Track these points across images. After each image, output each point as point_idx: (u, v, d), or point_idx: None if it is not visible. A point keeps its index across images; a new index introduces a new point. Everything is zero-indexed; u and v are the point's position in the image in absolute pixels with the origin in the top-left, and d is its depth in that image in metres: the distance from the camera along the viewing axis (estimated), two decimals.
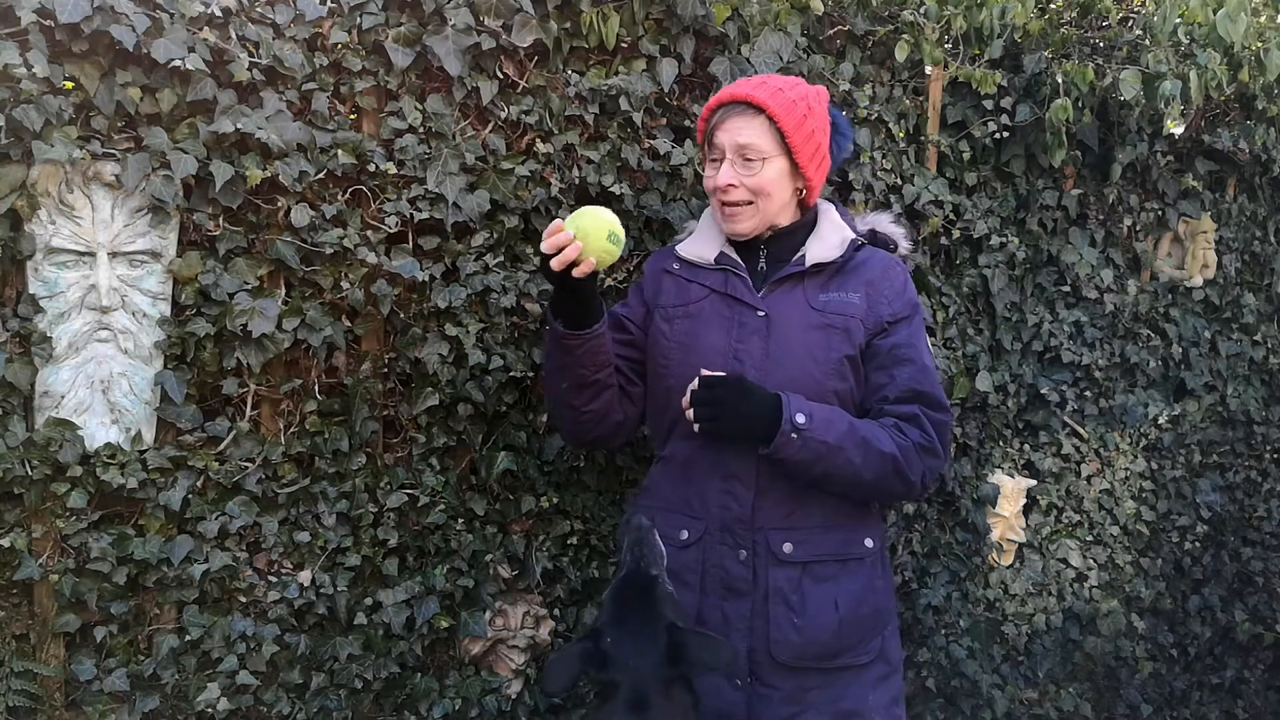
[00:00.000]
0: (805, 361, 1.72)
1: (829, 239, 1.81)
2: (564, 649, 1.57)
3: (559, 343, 1.73)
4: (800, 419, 1.62)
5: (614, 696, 1.50)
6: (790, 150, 1.73)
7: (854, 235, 1.83)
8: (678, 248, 1.90)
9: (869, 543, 1.79)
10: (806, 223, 1.83)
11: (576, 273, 1.62)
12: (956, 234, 2.60)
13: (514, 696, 2.19)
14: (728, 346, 1.76)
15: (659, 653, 1.51)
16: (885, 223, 1.91)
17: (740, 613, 1.73)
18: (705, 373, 1.66)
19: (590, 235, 1.61)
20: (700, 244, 1.87)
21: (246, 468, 1.91)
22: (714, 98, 1.80)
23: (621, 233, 1.65)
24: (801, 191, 1.81)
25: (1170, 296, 3.03)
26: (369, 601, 2.03)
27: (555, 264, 1.60)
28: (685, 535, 1.78)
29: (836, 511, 1.76)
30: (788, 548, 1.73)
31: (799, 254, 1.80)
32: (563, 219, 1.65)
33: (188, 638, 1.88)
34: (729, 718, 1.72)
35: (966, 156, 2.61)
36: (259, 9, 1.85)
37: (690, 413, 1.66)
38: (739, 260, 1.82)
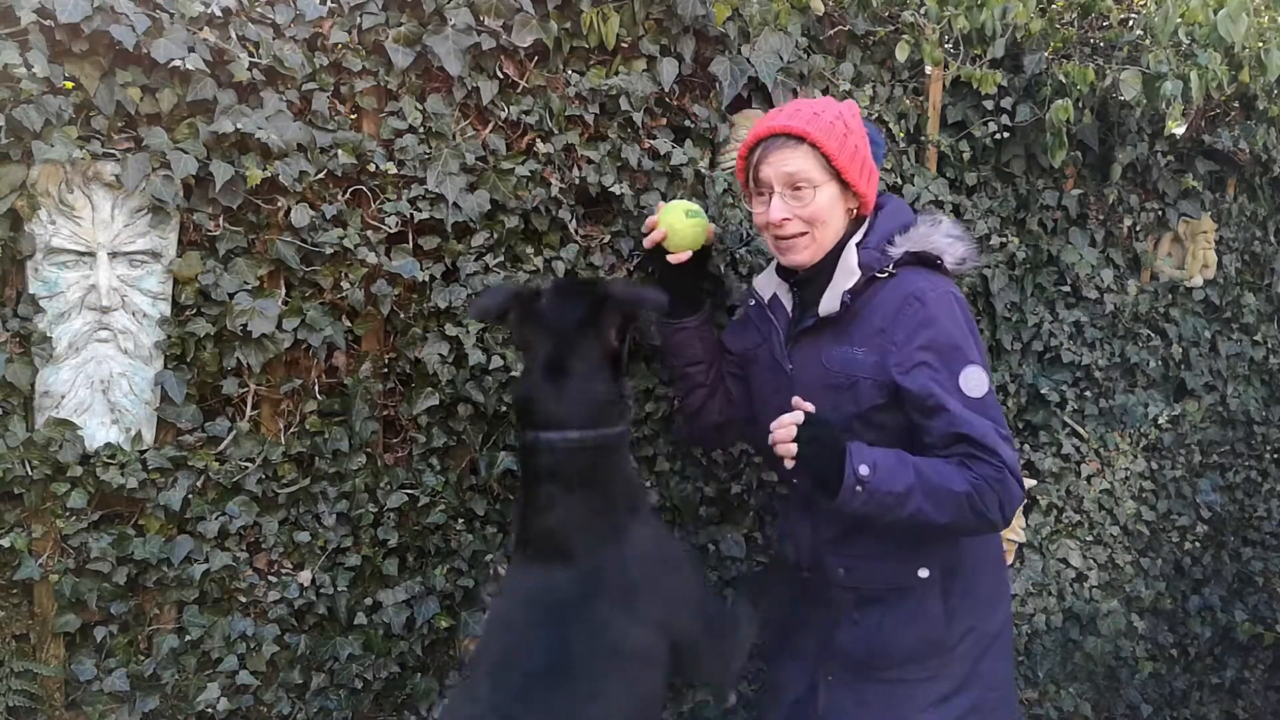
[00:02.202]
0: None
1: (838, 286, 1.74)
2: (501, 286, 1.64)
3: (658, 327, 1.93)
4: (864, 470, 1.58)
5: (531, 357, 1.52)
6: (839, 172, 1.72)
7: (850, 285, 1.71)
8: (755, 279, 1.99)
9: (923, 573, 1.78)
10: (829, 267, 1.76)
11: (671, 259, 1.84)
12: None
13: None
14: (767, 400, 1.86)
15: (583, 311, 1.51)
16: (934, 236, 1.76)
17: (810, 619, 1.90)
18: (802, 405, 1.64)
19: (678, 225, 1.87)
20: (766, 279, 1.94)
21: (246, 468, 1.91)
22: (750, 134, 1.78)
23: (696, 207, 1.88)
24: (854, 211, 1.80)
25: (1170, 296, 3.03)
26: (369, 601, 2.03)
27: (647, 243, 1.86)
28: (790, 553, 1.93)
29: (890, 543, 1.76)
30: (841, 573, 1.82)
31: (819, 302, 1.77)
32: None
33: (188, 638, 1.88)
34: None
35: (966, 156, 2.61)
36: (259, 9, 1.85)
37: (788, 448, 1.63)
38: (785, 305, 1.88)
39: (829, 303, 1.73)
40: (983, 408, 1.65)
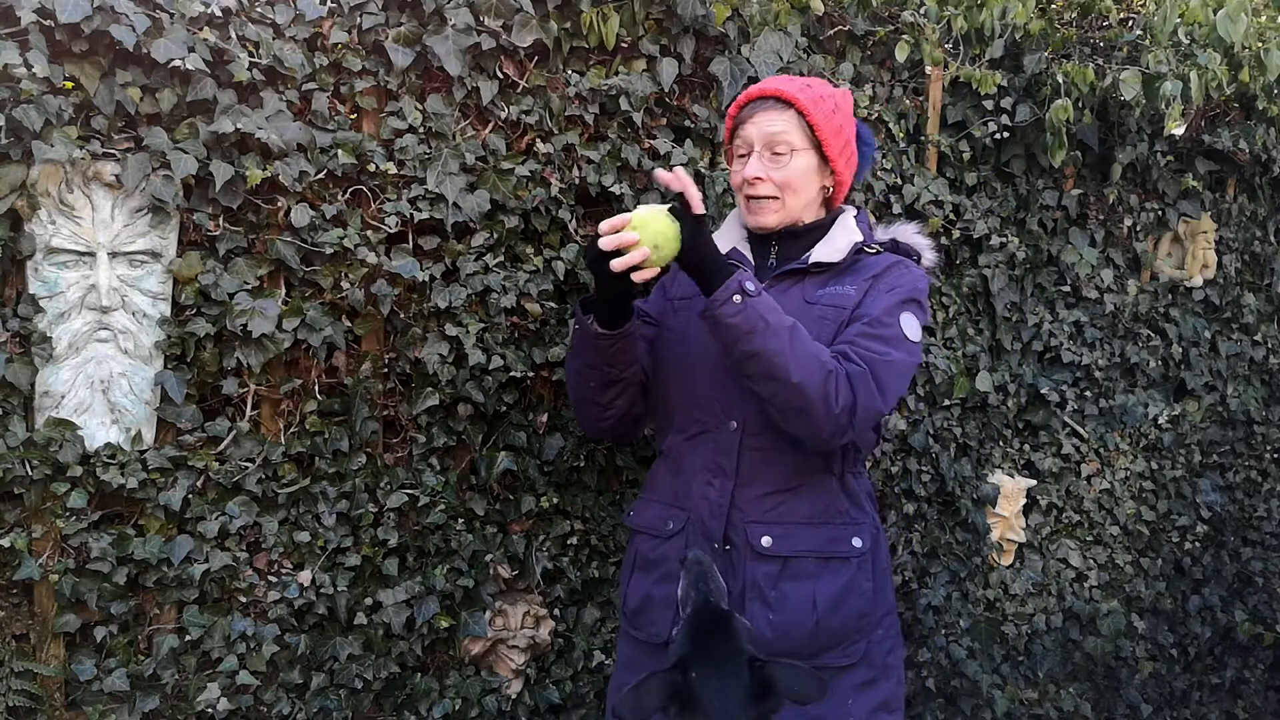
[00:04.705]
0: None
1: (836, 242, 1.79)
2: (646, 679, 1.53)
3: (591, 341, 1.70)
4: (750, 286, 1.57)
5: None
6: (820, 144, 1.74)
7: (860, 240, 1.79)
8: None
9: (857, 542, 1.75)
10: (823, 225, 1.81)
11: (637, 277, 1.54)
12: (956, 234, 2.60)
13: (514, 696, 2.19)
14: (709, 341, 1.72)
15: (744, 688, 1.50)
16: (909, 233, 1.88)
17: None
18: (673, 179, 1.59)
19: (662, 241, 1.54)
20: (719, 239, 1.87)
21: (246, 468, 1.91)
22: (742, 95, 1.80)
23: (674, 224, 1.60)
24: (829, 190, 1.81)
25: (1170, 296, 3.03)
26: (369, 601, 2.03)
27: (617, 265, 1.52)
28: (671, 525, 1.78)
29: (824, 509, 1.75)
30: (766, 541, 1.71)
31: (806, 254, 1.79)
32: (628, 210, 1.62)
33: (188, 638, 1.88)
34: None
35: (966, 156, 2.61)
36: (259, 9, 1.85)
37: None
38: (748, 257, 1.83)
39: (826, 252, 1.77)
40: (897, 343, 1.68)
